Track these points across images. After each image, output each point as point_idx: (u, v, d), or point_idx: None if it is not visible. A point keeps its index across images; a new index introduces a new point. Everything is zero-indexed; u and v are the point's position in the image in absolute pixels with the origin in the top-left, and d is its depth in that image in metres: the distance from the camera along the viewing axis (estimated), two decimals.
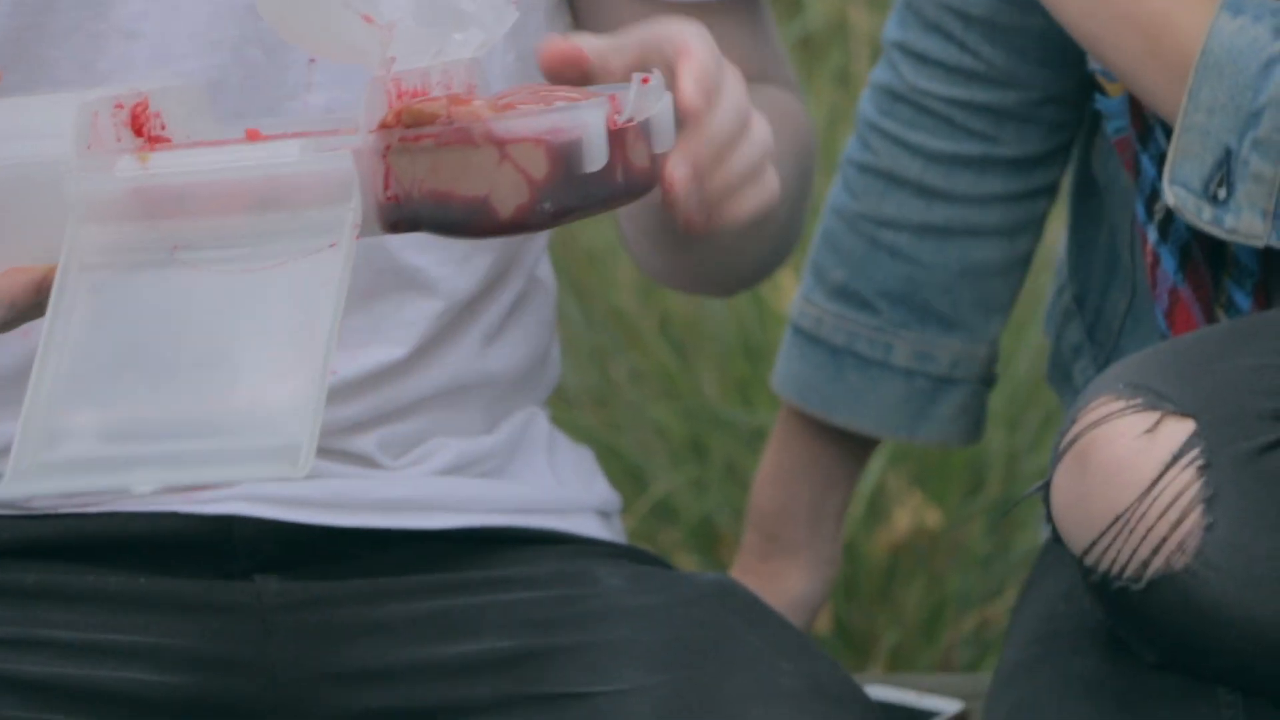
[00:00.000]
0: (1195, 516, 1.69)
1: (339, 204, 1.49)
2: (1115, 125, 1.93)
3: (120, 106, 1.57)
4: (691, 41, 1.56)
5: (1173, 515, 1.69)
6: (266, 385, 1.47)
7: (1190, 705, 1.74)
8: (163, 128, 1.57)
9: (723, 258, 1.78)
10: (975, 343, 2.11)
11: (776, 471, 2.15)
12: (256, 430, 1.46)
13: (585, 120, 1.49)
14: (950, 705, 2.12)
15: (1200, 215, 1.81)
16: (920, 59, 2.06)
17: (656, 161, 1.54)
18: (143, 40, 1.74)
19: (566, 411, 2.82)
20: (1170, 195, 1.83)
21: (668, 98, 1.55)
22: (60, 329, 1.51)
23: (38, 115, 1.57)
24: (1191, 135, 1.82)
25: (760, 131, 1.60)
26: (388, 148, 1.50)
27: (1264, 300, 1.93)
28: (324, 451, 1.68)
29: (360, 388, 1.81)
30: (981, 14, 2.03)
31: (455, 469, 1.85)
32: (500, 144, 1.49)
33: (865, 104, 2.10)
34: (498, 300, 1.85)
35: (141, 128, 1.58)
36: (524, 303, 1.87)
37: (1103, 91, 1.91)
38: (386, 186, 1.52)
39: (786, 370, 2.12)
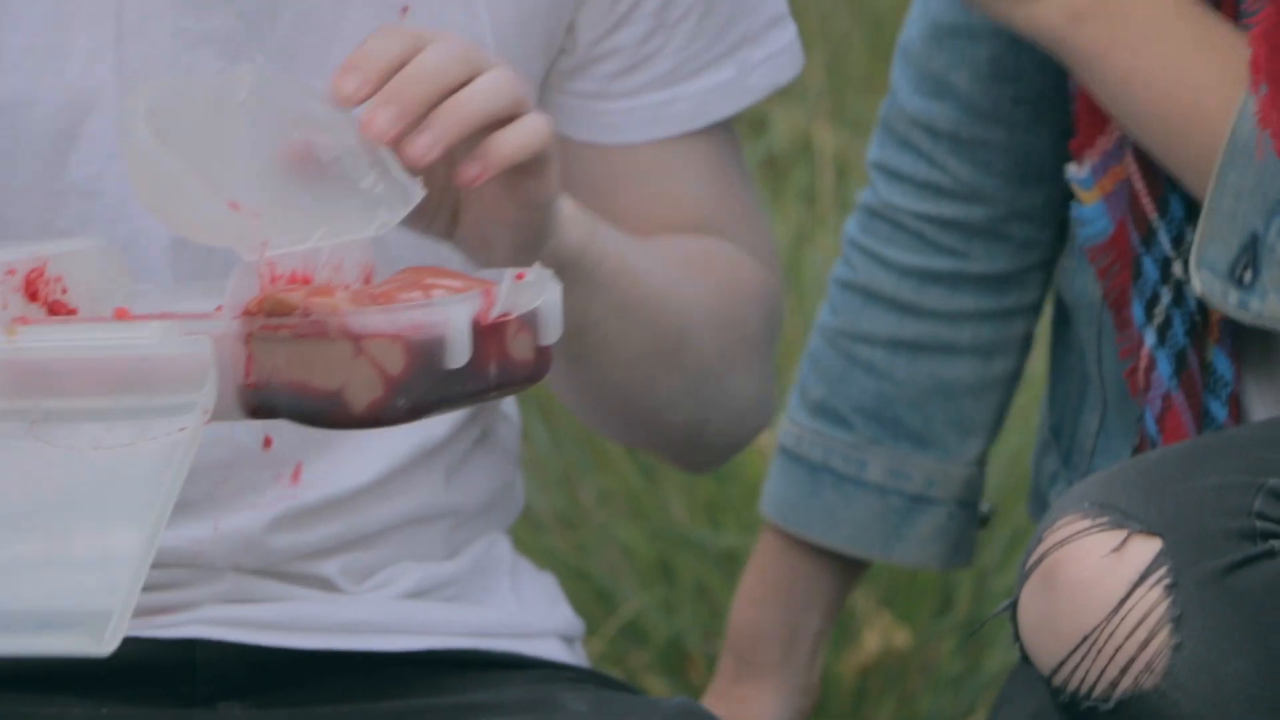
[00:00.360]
0: (1163, 637, 1.68)
1: (194, 389, 1.51)
2: (1088, 232, 1.94)
3: (12, 272, 1.59)
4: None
5: (1140, 635, 1.69)
6: (91, 559, 1.49)
7: None
8: (64, 291, 1.60)
9: (622, 383, 1.79)
10: (950, 462, 2.11)
11: (754, 591, 2.14)
12: (70, 600, 1.47)
13: (448, 316, 1.50)
14: None
15: (1226, 299, 1.82)
16: (894, 175, 2.08)
17: (543, 353, 1.55)
18: (101, 199, 1.75)
19: (534, 533, 2.82)
20: (1196, 280, 1.83)
21: (553, 288, 1.55)
22: None
23: None
24: (1218, 219, 1.83)
25: (493, 82, 1.59)
26: (249, 334, 1.53)
27: (1236, 411, 1.95)
28: (287, 575, 1.80)
29: (323, 515, 1.80)
30: (947, 128, 2.05)
31: (417, 593, 1.84)
32: (356, 339, 1.51)
33: (850, 223, 2.11)
34: (463, 437, 1.85)
35: (36, 293, 1.60)
36: (488, 437, 1.87)
37: (1078, 199, 1.93)
38: (248, 373, 1.54)
39: (770, 490, 2.12)
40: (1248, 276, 1.84)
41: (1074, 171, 1.97)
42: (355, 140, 1.62)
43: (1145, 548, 1.71)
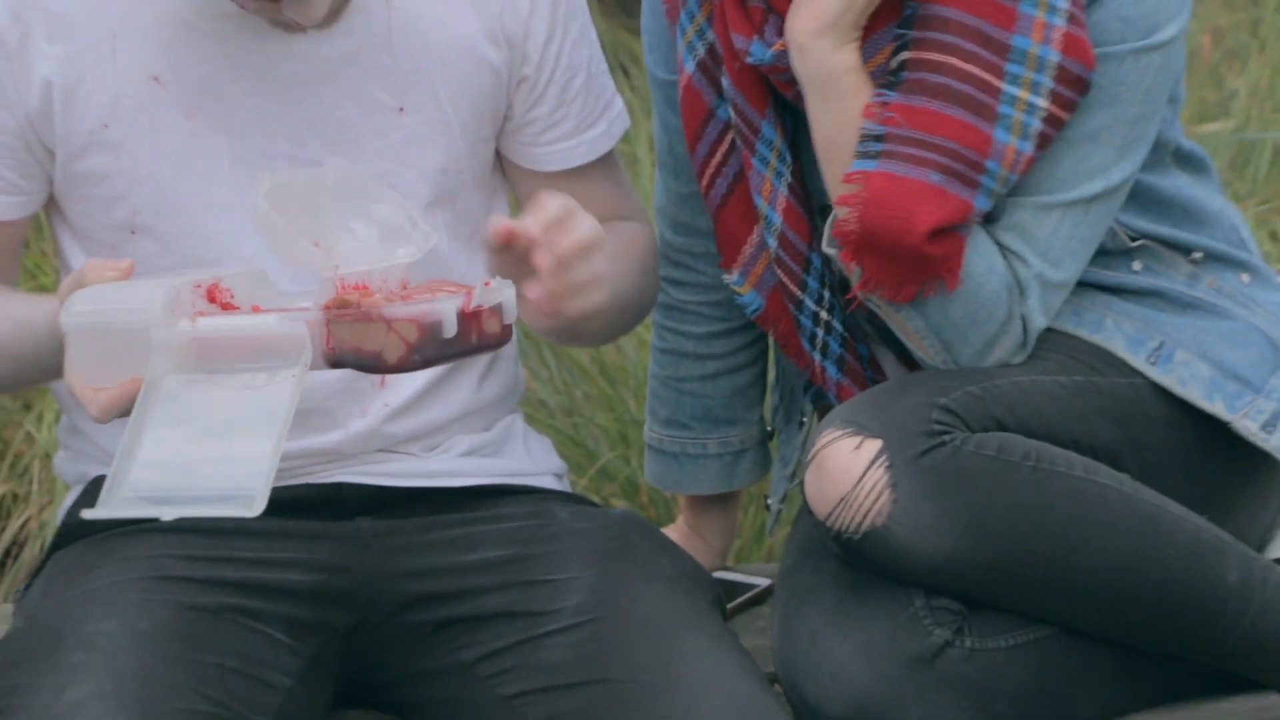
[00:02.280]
0: (886, 496, 1.98)
1: (298, 352, 1.79)
2: (750, 310, 2.22)
3: (198, 286, 1.83)
4: (543, 199, 1.85)
5: (873, 496, 1.99)
6: (245, 456, 1.75)
7: (893, 590, 2.04)
8: (231, 297, 1.85)
9: (587, 325, 1.96)
10: (750, 426, 2.40)
11: (685, 507, 2.48)
12: (232, 483, 1.74)
13: (442, 308, 1.78)
14: (763, 580, 2.41)
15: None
16: (676, 283, 2.36)
17: (507, 329, 1.83)
18: (243, 246, 2.02)
19: (542, 412, 3.04)
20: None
21: (509, 290, 1.82)
22: (141, 414, 1.80)
23: (144, 292, 1.82)
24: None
25: (598, 264, 1.86)
26: (328, 320, 1.80)
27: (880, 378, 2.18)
28: (391, 449, 2.09)
29: (403, 413, 2.09)
30: (698, 250, 2.33)
31: (468, 453, 2.14)
32: (388, 321, 1.77)
33: (656, 314, 2.36)
34: (482, 360, 2.13)
35: (214, 298, 1.85)
36: (499, 358, 2.15)
37: (738, 292, 2.22)
38: (327, 342, 1.80)
39: (649, 469, 2.43)
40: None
41: (728, 277, 2.20)
42: (394, 205, 1.87)
43: (873, 445, 1.99)
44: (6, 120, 2.00)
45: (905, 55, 2.02)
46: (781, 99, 2.10)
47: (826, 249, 2.06)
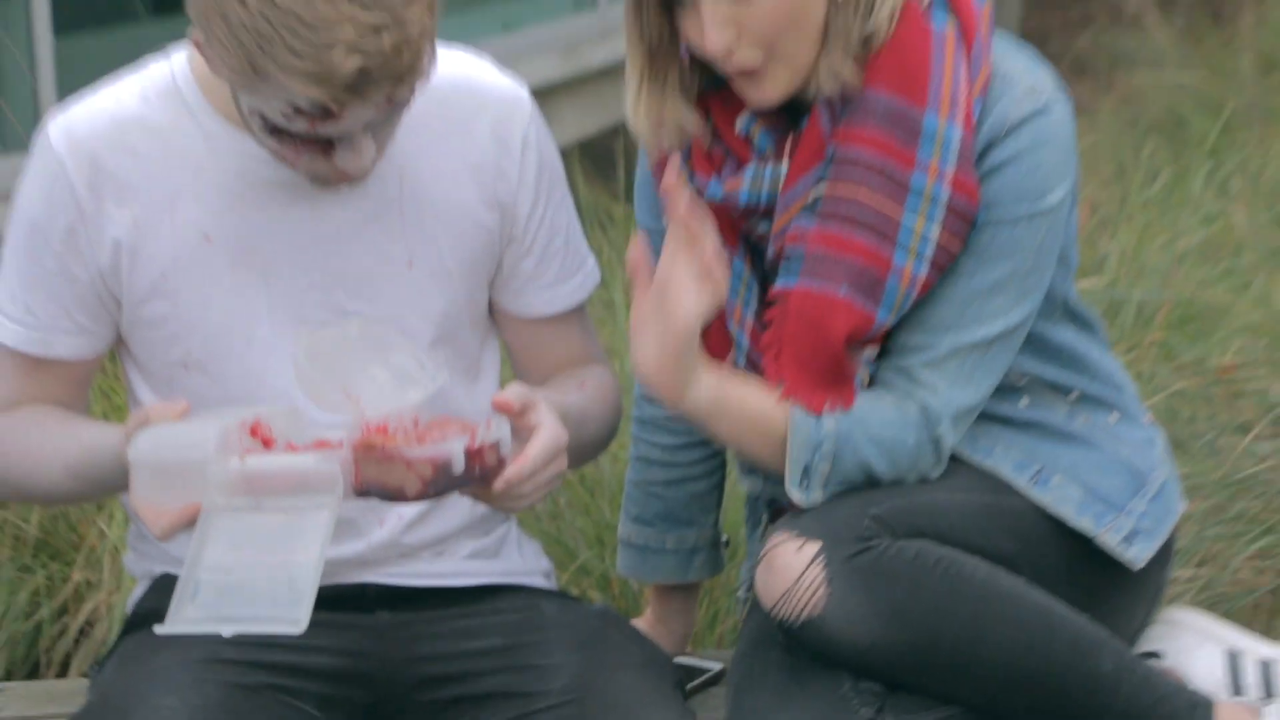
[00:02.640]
0: (822, 590, 1.96)
1: (333, 486, 1.81)
2: None
3: (244, 424, 1.83)
4: (543, 425, 1.88)
5: (811, 590, 1.97)
6: (289, 578, 1.76)
7: (828, 674, 2.01)
8: (270, 432, 1.85)
9: (577, 454, 2.00)
10: (705, 528, 2.35)
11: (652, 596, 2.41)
12: (281, 602, 1.74)
13: (453, 449, 1.80)
14: (717, 665, 2.34)
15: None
16: (651, 400, 2.28)
17: (503, 461, 1.85)
18: (282, 387, 1.99)
19: (531, 520, 2.99)
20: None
21: (506, 428, 1.85)
22: (201, 538, 1.80)
23: (199, 430, 1.82)
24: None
25: (559, 466, 1.89)
26: (357, 460, 1.81)
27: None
28: (406, 554, 2.08)
29: (416, 525, 2.08)
30: (651, 416, 2.30)
31: (472, 556, 2.13)
32: (407, 462, 1.79)
33: (633, 426, 2.34)
34: None
35: (256, 432, 1.84)
36: None
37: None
38: (356, 478, 1.82)
39: (621, 562, 2.37)
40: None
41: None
42: (406, 352, 1.87)
43: (813, 547, 1.98)
44: (81, 274, 1.99)
45: (822, 189, 2.02)
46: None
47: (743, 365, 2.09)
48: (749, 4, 1.97)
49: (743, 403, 2.01)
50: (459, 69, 2.04)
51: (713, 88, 2.08)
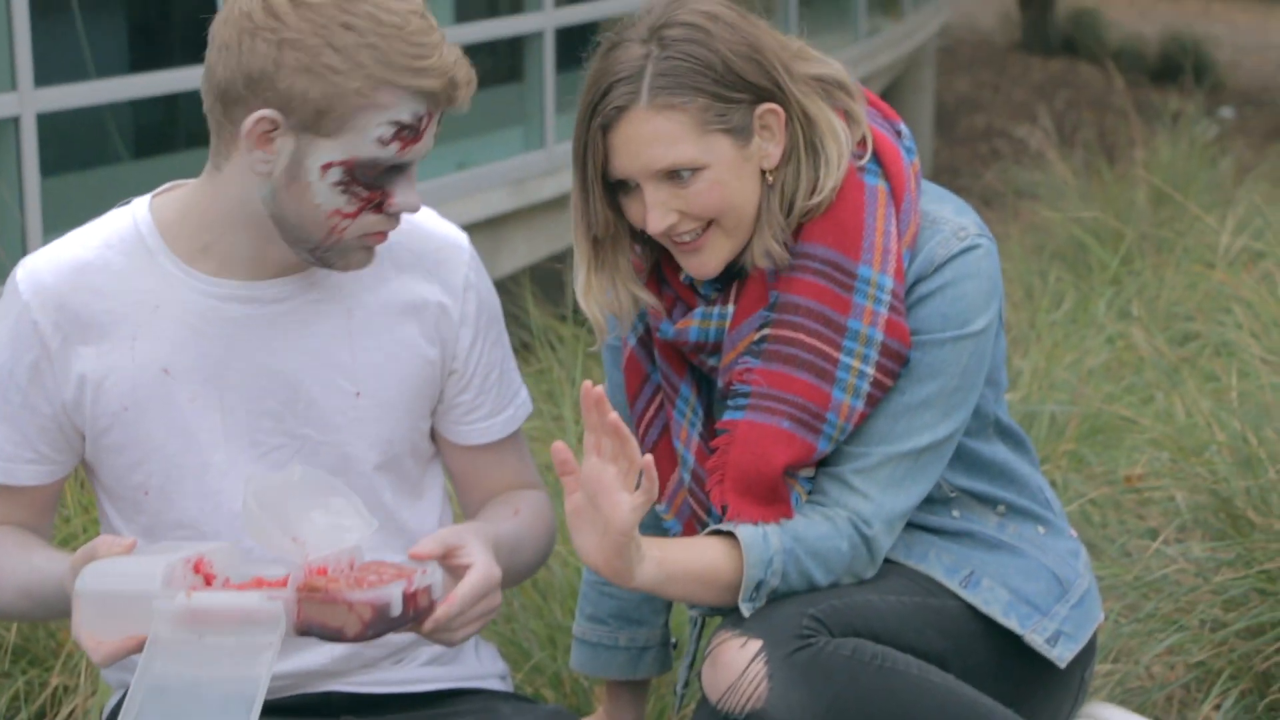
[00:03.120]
0: (764, 685, 1.97)
1: (275, 624, 1.80)
2: (671, 531, 2.16)
3: (187, 561, 1.83)
4: (475, 564, 1.89)
5: (754, 684, 1.98)
6: (238, 692, 1.74)
7: None
8: (212, 568, 1.85)
9: (514, 577, 2.03)
10: (656, 628, 2.33)
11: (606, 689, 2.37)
12: (230, 714, 1.72)
13: (392, 593, 1.82)
14: None
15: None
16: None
17: (434, 603, 1.87)
18: (203, 531, 2.00)
19: (490, 624, 2.60)
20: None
21: (438, 574, 1.87)
22: (145, 664, 1.79)
23: (145, 565, 1.81)
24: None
25: (492, 602, 1.90)
26: (300, 600, 1.82)
27: None
28: (367, 663, 2.06)
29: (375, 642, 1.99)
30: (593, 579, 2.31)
31: (430, 662, 2.13)
32: (348, 604, 1.80)
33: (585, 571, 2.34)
34: None
35: (200, 568, 1.84)
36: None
37: (664, 519, 2.17)
38: (298, 616, 1.82)
39: (575, 658, 2.35)
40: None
41: (658, 506, 2.16)
42: (344, 497, 1.87)
43: (755, 644, 1.98)
44: (45, 407, 1.99)
45: (767, 330, 2.04)
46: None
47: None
48: (686, 187, 2.01)
49: (688, 568, 2.00)
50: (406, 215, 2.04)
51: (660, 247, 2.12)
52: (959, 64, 15.53)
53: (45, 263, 1.98)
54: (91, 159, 5.75)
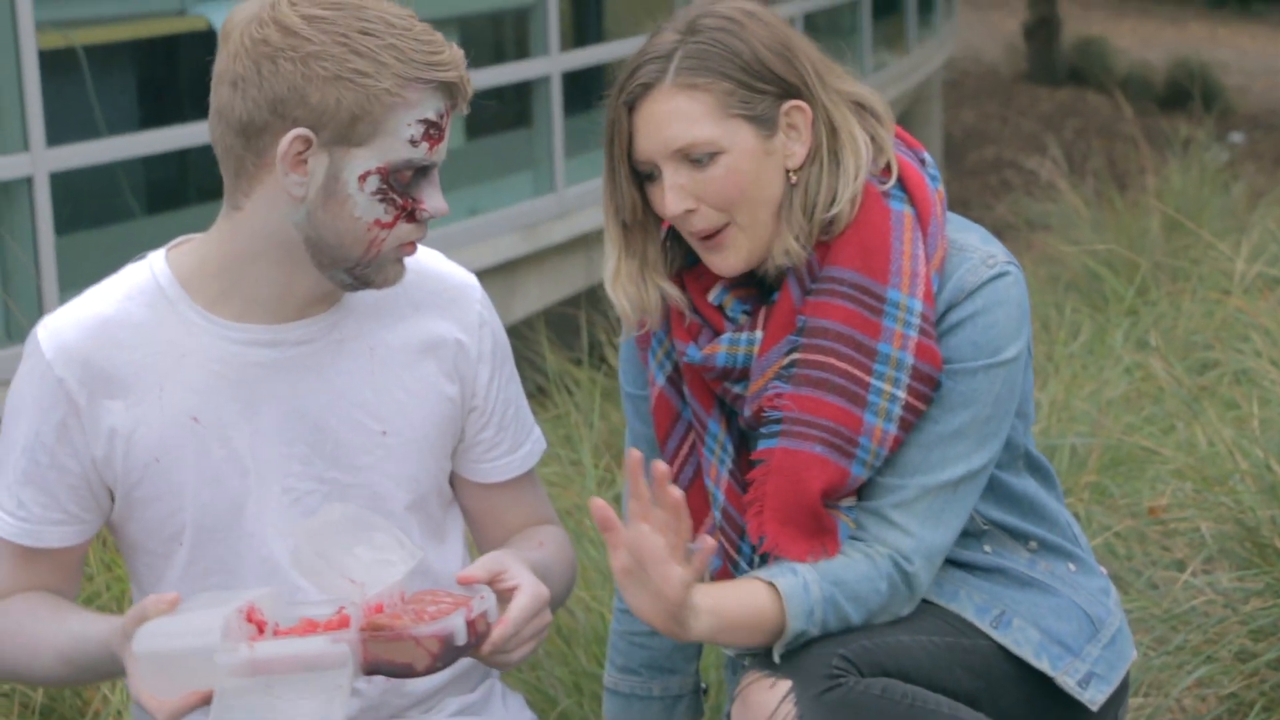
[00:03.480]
0: None
1: (343, 665, 1.82)
2: (712, 569, 2.15)
3: (241, 611, 1.83)
4: (523, 584, 1.92)
5: None
6: None
7: None
8: (263, 615, 1.86)
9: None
10: (688, 676, 2.33)
11: None
12: None
13: (456, 623, 1.83)
14: None
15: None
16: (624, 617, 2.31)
17: (490, 627, 1.88)
18: (238, 578, 2.02)
19: (513, 673, 2.98)
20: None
21: (492, 598, 1.89)
22: (216, 718, 1.80)
23: (200, 620, 1.82)
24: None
25: (543, 620, 1.92)
26: (364, 639, 1.83)
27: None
28: (398, 714, 2.07)
29: (407, 686, 2.08)
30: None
31: (458, 712, 2.14)
32: (416, 639, 1.82)
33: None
34: None
35: (251, 616, 1.84)
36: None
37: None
38: (364, 656, 1.83)
39: (607, 709, 2.35)
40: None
41: (692, 545, 2.00)
42: (386, 530, 1.89)
43: (784, 684, 1.99)
44: (73, 465, 2.00)
45: (796, 355, 2.04)
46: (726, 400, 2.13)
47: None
48: (704, 171, 2.01)
49: (739, 617, 2.00)
50: (416, 258, 2.07)
51: (687, 265, 2.13)
52: (965, 96, 15.56)
53: (66, 321, 2.00)
54: (105, 216, 5.78)
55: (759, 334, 2.08)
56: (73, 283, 5.11)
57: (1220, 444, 3.31)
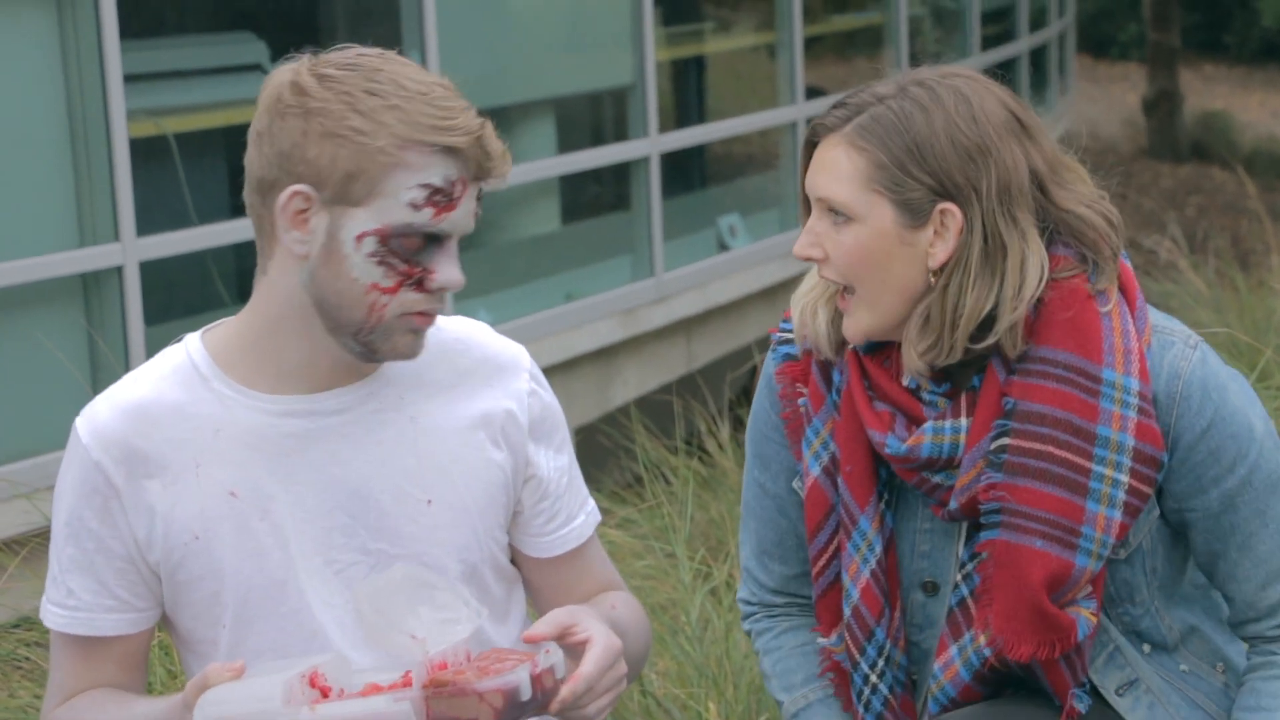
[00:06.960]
0: None
1: None
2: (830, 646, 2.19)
3: (303, 677, 1.83)
4: (595, 636, 1.91)
5: None
6: None
7: None
8: (325, 680, 1.85)
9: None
10: None
11: None
12: None
13: (520, 677, 1.83)
14: None
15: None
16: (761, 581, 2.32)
17: (559, 683, 1.87)
18: (287, 655, 2.01)
19: None
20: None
21: (559, 653, 1.88)
22: None
23: (262, 686, 1.82)
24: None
25: (619, 672, 1.91)
26: (427, 697, 1.83)
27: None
28: None
29: None
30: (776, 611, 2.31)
31: None
32: (479, 694, 1.82)
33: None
34: None
35: (315, 682, 1.84)
36: None
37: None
38: (428, 714, 1.83)
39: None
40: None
41: (824, 640, 2.19)
42: (448, 590, 1.89)
43: None
44: (118, 548, 2.03)
45: (1007, 441, 2.02)
46: (887, 499, 2.13)
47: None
48: (837, 230, 2.04)
49: None
50: (461, 329, 2.12)
51: (872, 349, 2.12)
52: None
53: (102, 406, 2.03)
54: (195, 305, 5.84)
55: (964, 421, 2.05)
56: None
57: None
